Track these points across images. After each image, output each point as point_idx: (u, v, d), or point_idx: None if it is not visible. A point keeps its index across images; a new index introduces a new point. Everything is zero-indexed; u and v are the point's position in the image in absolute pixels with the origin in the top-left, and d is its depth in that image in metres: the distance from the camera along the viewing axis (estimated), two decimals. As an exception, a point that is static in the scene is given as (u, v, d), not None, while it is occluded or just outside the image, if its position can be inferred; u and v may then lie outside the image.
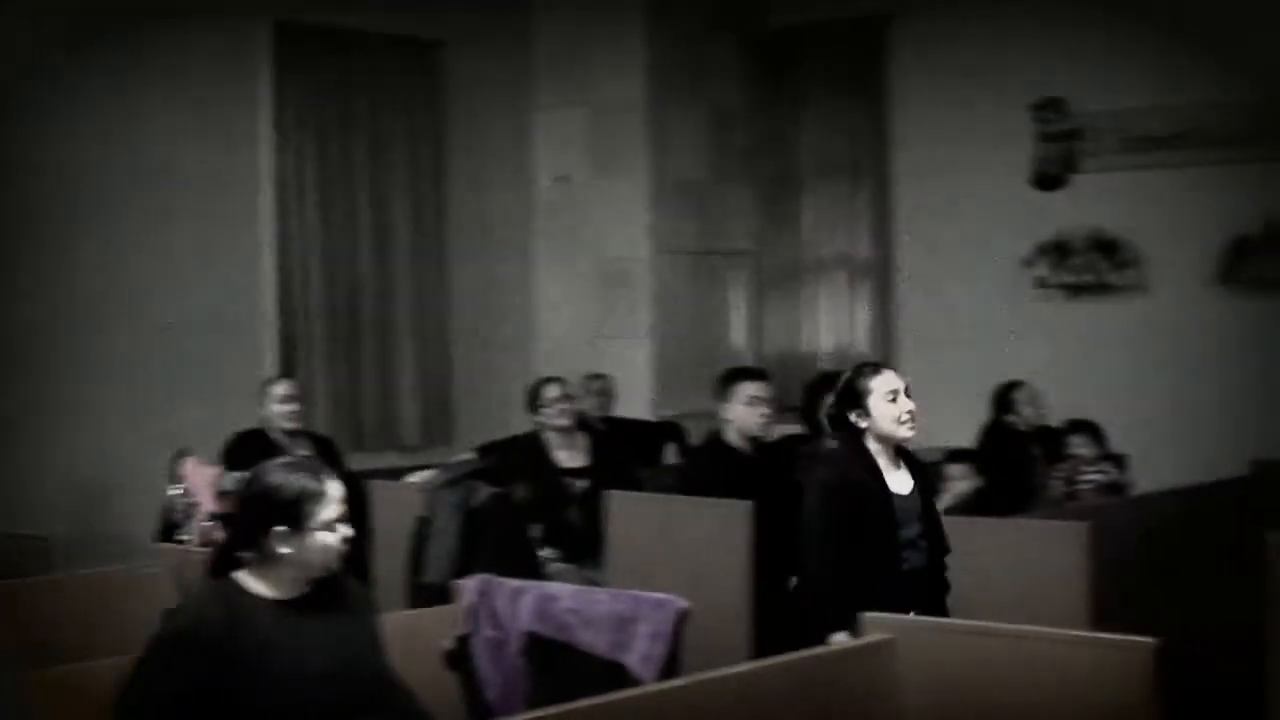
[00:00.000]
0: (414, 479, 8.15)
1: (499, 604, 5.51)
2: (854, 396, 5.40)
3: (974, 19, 10.78)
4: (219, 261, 9.80)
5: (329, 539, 4.01)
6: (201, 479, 7.73)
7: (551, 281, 11.44)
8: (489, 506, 7.78)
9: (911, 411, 5.38)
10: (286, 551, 3.98)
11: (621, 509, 7.16)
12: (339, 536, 4.03)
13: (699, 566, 6.54)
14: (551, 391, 8.23)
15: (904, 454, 5.50)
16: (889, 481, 5.37)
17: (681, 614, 5.30)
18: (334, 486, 4.05)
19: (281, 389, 8.48)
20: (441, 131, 11.00)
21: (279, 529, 3.97)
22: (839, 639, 4.96)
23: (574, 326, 11.25)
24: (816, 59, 11.52)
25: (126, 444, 9.09)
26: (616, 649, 5.33)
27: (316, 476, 4.05)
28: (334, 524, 4.02)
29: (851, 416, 5.39)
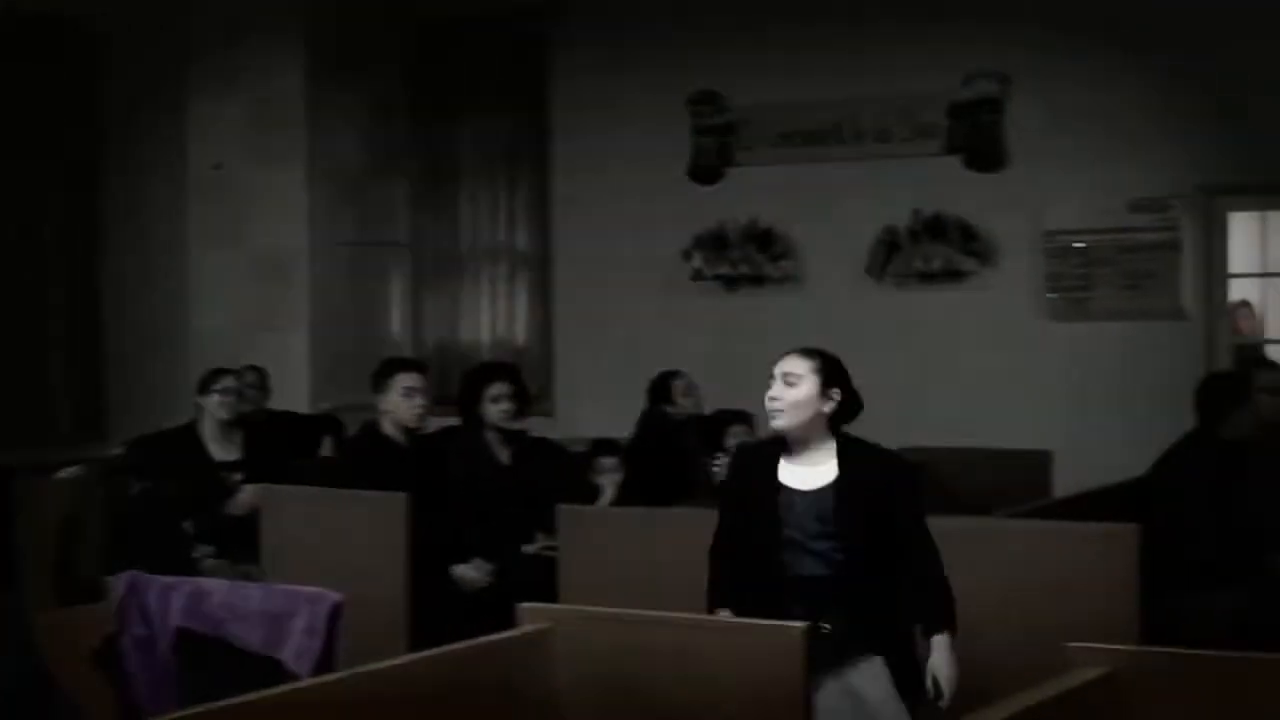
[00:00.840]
0: (64, 474, 7.96)
1: (149, 600, 5.42)
2: None
3: (634, 11, 10.90)
4: None
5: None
6: None
7: (208, 272, 11.23)
8: (140, 502, 7.64)
9: (774, 397, 4.91)
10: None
11: (276, 503, 7.09)
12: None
13: (356, 559, 6.49)
14: (223, 382, 8.07)
15: (850, 449, 4.95)
16: (788, 475, 4.97)
17: (337, 608, 5.27)
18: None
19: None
20: (96, 117, 10.70)
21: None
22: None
23: (231, 317, 11.06)
24: (477, 50, 11.51)
25: None
26: (271, 645, 5.27)
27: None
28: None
29: None
